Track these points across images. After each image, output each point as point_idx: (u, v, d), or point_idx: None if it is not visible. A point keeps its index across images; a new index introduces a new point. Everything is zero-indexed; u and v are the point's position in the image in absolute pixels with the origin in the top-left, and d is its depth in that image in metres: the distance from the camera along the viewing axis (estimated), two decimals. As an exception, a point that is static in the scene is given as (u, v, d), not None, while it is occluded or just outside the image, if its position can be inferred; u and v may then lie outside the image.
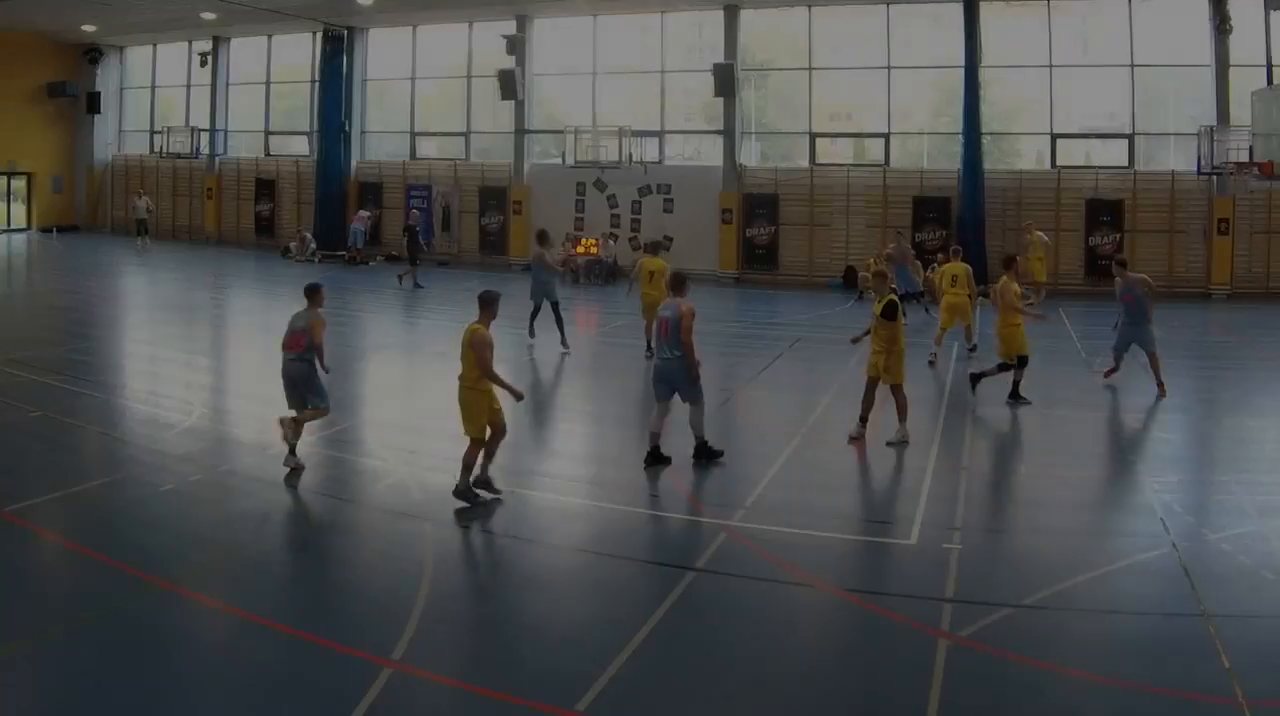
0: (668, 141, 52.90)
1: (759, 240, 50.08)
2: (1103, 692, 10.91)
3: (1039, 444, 22.16)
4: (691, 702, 10.77)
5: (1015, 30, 47.92)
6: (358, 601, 13.13)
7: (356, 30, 57.99)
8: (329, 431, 20.46)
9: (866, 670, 11.69)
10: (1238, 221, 43.68)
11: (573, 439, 22.88)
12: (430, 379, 26.21)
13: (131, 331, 35.01)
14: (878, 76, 48.97)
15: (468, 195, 55.82)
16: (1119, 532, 16.10)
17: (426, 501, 16.72)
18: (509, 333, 27.55)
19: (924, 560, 14.62)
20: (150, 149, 66.55)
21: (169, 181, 65.82)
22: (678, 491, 17.71)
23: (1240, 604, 12.88)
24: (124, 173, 68.52)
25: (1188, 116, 45.53)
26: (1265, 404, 25.43)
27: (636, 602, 13.00)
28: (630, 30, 54.06)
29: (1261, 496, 17.14)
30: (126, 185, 67.28)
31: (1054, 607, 12.94)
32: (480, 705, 10.68)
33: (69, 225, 68.29)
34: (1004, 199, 46.37)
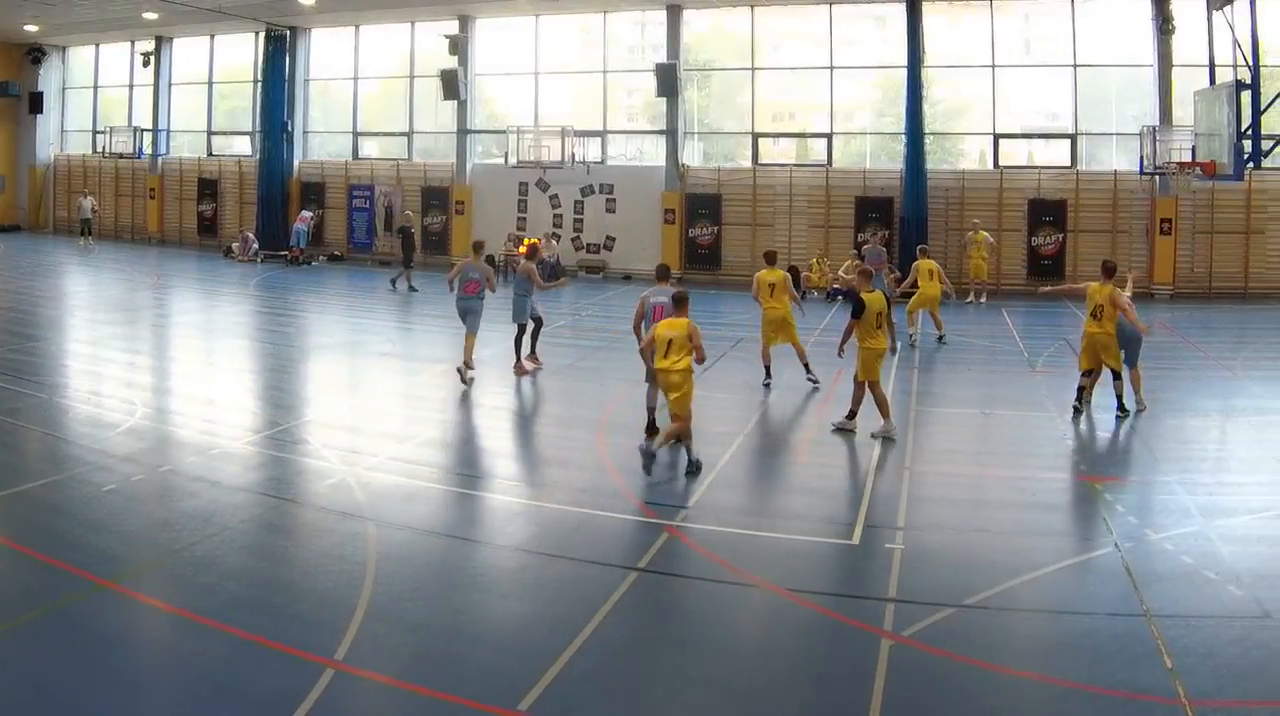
0: (610, 141, 52.02)
1: (701, 240, 48.98)
2: (1045, 692, 10.79)
3: (982, 444, 21.52)
4: (634, 703, 10.62)
5: (958, 30, 47.20)
6: (300, 601, 12.74)
7: (299, 30, 56.67)
8: (271, 431, 20.46)
9: (809, 669, 11.43)
10: (1180, 221, 43.13)
11: (515, 439, 22.31)
12: (376, 379, 26.81)
13: (74, 331, 33.99)
14: (820, 76, 48.21)
15: (410, 195, 54.51)
16: (1061, 532, 15.80)
17: (369, 501, 16.36)
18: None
19: (867, 560, 14.43)
20: (93, 149, 64.53)
21: (111, 181, 64.31)
22: (621, 491, 17.23)
23: (1182, 604, 12.69)
24: (66, 173, 66.91)
25: (1130, 116, 44.96)
26: (1208, 404, 24.97)
27: (579, 603, 12.65)
28: (572, 30, 53.05)
29: (1204, 496, 16.89)
30: (69, 185, 65.70)
31: (996, 607, 12.75)
32: (423, 705, 10.45)
33: (11, 225, 66.46)
34: (946, 199, 45.62)
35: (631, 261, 49.88)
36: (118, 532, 14.91)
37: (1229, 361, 29.25)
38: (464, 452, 20.15)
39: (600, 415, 22.57)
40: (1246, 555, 14.25)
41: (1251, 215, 42.74)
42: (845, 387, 22.42)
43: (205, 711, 10.11)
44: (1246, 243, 42.92)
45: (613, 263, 50.66)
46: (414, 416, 22.97)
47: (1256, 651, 11.38)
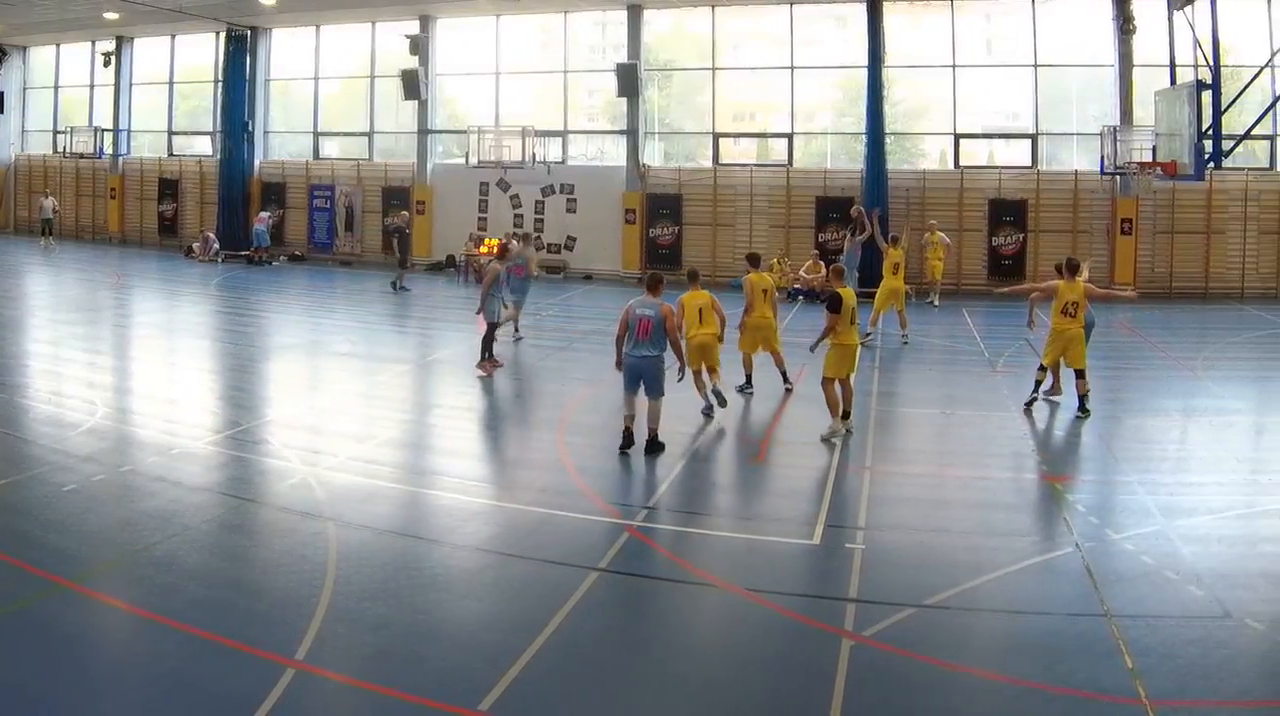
0: (571, 141, 50.97)
1: (662, 240, 48.10)
2: (1006, 692, 10.66)
3: (943, 444, 21.25)
4: (594, 703, 10.49)
5: (919, 30, 46.13)
6: (261, 601, 12.60)
7: (260, 30, 55.42)
8: (232, 431, 20.31)
9: (770, 670, 11.25)
10: (1141, 221, 42.68)
11: (476, 439, 21.97)
12: (337, 379, 26.65)
13: (35, 331, 33.26)
14: (781, 76, 47.22)
15: (371, 195, 53.60)
16: (1022, 533, 15.51)
17: (329, 501, 16.18)
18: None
19: (828, 560, 14.30)
20: (54, 149, 63.03)
21: (72, 181, 62.69)
22: (582, 491, 17.02)
23: (1143, 604, 12.58)
24: (28, 173, 65.25)
25: (1091, 116, 44.33)
26: (1168, 404, 24.60)
27: (540, 602, 12.52)
28: (533, 30, 51.90)
29: (1165, 496, 16.77)
30: (30, 185, 64.08)
31: (957, 607, 12.66)
32: (383, 705, 10.33)
33: (-28, 226, 65.21)
34: (907, 199, 44.65)
35: (592, 261, 49.20)
36: (78, 533, 14.73)
37: (1189, 361, 28.84)
38: (424, 453, 20.08)
39: (561, 415, 22.36)
40: (1207, 555, 14.16)
41: (1212, 215, 42.26)
42: (810, 388, 22.55)
43: (166, 711, 10.03)
44: (1207, 243, 42.46)
45: (573, 263, 49.67)
46: (374, 416, 22.64)
47: (1217, 651, 11.27)
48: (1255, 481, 18.14)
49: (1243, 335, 34.27)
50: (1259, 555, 14.40)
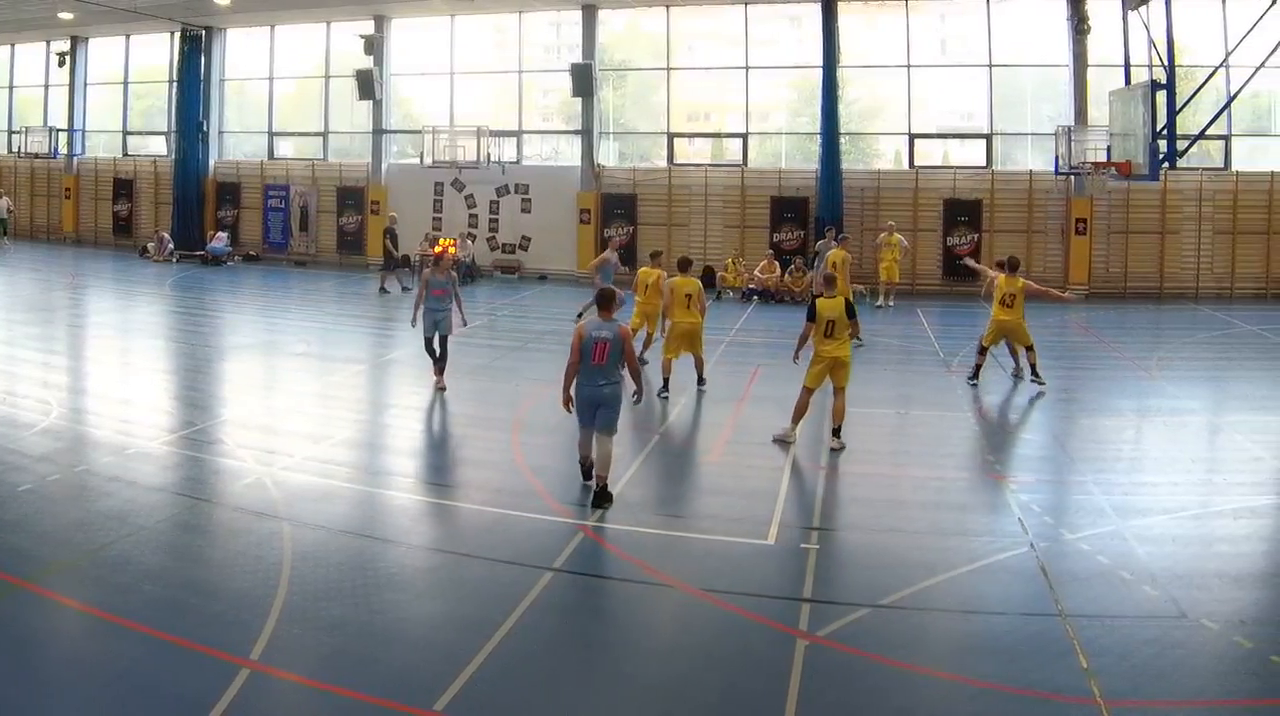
0: (525, 141, 50.24)
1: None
2: (961, 692, 10.57)
3: (897, 444, 20.97)
4: (549, 703, 10.31)
5: (873, 30, 45.81)
6: (216, 601, 12.35)
7: (214, 30, 54.35)
8: (187, 431, 20.02)
9: (724, 670, 11.08)
10: (1095, 221, 42.25)
11: (430, 439, 21.58)
12: (291, 379, 26.43)
13: None
14: (736, 76, 46.49)
15: (325, 195, 52.64)
16: (977, 533, 15.28)
17: (284, 501, 15.98)
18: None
19: (782, 560, 14.13)
20: (8, 149, 61.36)
21: (27, 181, 61.29)
22: (536, 491, 16.78)
23: (1098, 604, 12.46)
24: (-19, 173, 64.05)
25: (1045, 116, 43.98)
26: (1122, 404, 24.26)
27: (494, 603, 12.36)
28: (488, 30, 51.05)
29: (1119, 496, 16.64)
30: (-17, 185, 62.91)
31: (912, 607, 12.55)
32: (338, 705, 10.18)
33: (-73, 226, 63.85)
34: (862, 199, 44.21)
35: (547, 261, 48.50)
36: (33, 533, 14.53)
37: (1144, 361, 28.52)
38: (378, 453, 19.76)
39: (515, 415, 22.01)
40: (1162, 555, 14.05)
41: (1166, 215, 41.87)
42: (763, 388, 23.65)
43: (120, 711, 9.87)
44: (1161, 243, 42.07)
45: (528, 263, 48.91)
46: (329, 416, 22.10)
47: (1172, 651, 11.18)
48: (1210, 481, 17.98)
49: (1197, 335, 33.91)
50: (1214, 555, 14.23)
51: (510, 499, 16.33)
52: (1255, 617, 12.03)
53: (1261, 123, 44.09)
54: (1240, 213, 41.38)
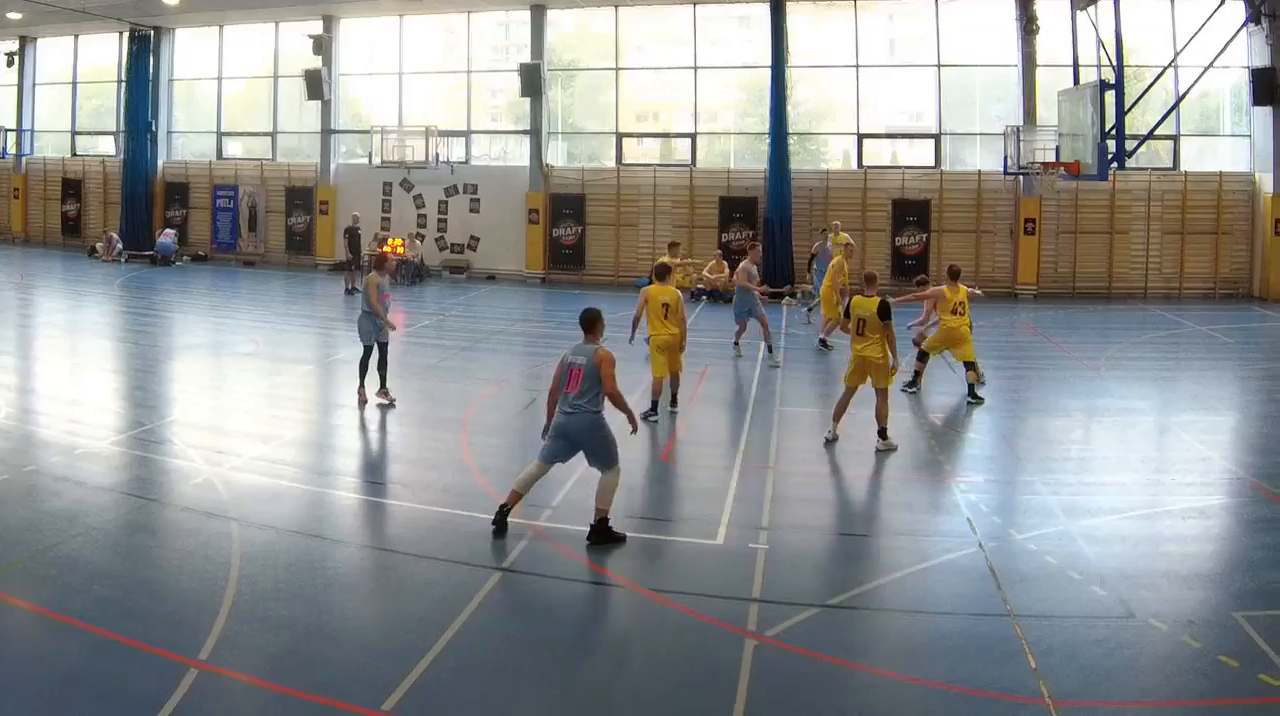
0: (474, 141, 49.22)
1: (565, 240, 46.48)
2: (910, 692, 10.43)
3: (845, 444, 19.98)
4: (498, 703, 10.11)
5: (822, 30, 45.11)
6: (165, 601, 12.16)
7: (163, 30, 53.01)
8: (136, 431, 19.68)
9: (673, 669, 10.95)
10: (1044, 221, 41.63)
11: (379, 439, 21.07)
12: (240, 379, 26.12)
13: None
14: (685, 76, 45.67)
15: (274, 195, 51.39)
16: (925, 533, 15.05)
17: (233, 501, 15.72)
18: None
19: (731, 560, 13.87)
20: (-43, 149, 60.28)
21: (-26, 182, 59.87)
22: (484, 491, 16.39)
23: (1046, 604, 12.32)
24: (-70, 173, 62.32)
25: (994, 116, 43.26)
26: (1071, 404, 23.94)
27: (443, 602, 12.18)
28: (436, 30, 50.09)
29: (1067, 496, 16.47)
30: (-68, 186, 61.29)
31: (860, 607, 12.45)
32: (287, 705, 10.00)
33: (-125, 227, 62.03)
34: (811, 199, 43.51)
35: (496, 262, 47.57)
36: None
37: (1092, 361, 28.08)
38: (327, 453, 19.41)
39: (463, 415, 21.71)
40: (1110, 555, 13.92)
41: (1115, 215, 41.44)
42: (712, 388, 23.92)
43: (70, 711, 9.72)
44: (1110, 243, 41.63)
45: (477, 263, 47.92)
46: (278, 416, 21.86)
47: (1120, 651, 11.08)
48: (1158, 481, 17.74)
49: (1145, 335, 33.58)
50: (1162, 555, 14.08)
51: (459, 499, 16.12)
52: (1203, 618, 11.84)
53: (1210, 123, 43.61)
54: (1189, 213, 41.01)
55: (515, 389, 24.47)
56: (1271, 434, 21.15)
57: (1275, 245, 39.61)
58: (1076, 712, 9.86)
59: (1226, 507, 16.16)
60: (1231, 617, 11.77)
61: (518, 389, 24.32)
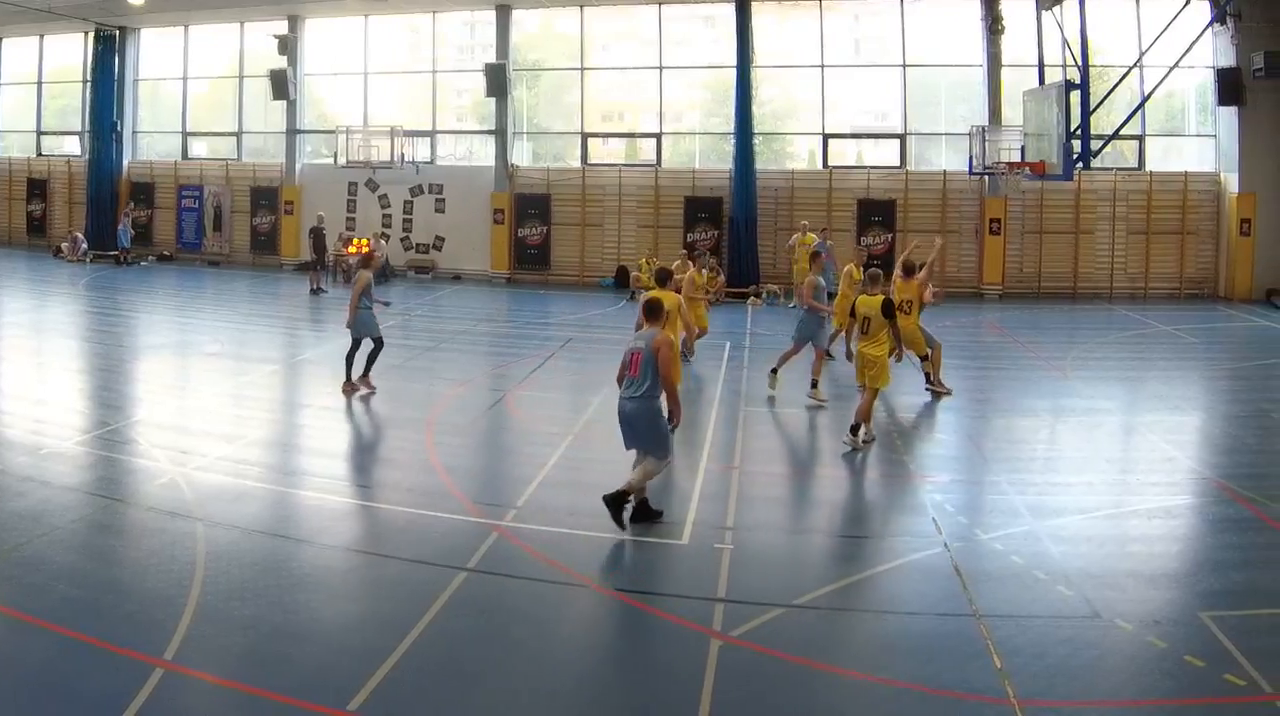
0: (439, 141, 48.21)
1: (531, 240, 45.66)
2: (875, 692, 10.33)
3: (811, 444, 20.63)
4: (463, 703, 10.02)
5: (787, 30, 44.30)
6: (130, 601, 12.00)
7: (128, 30, 51.96)
8: (101, 431, 19.45)
9: (639, 670, 11.01)
10: (1009, 221, 41.01)
11: (344, 439, 20.90)
12: (205, 379, 25.66)
13: None
14: (650, 76, 44.93)
15: (239, 195, 50.36)
16: (891, 533, 15.03)
17: (198, 501, 15.50)
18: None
19: (696, 560, 13.74)
20: (-77, 149, 58.93)
21: (-60, 182, 58.65)
22: (450, 491, 16.42)
23: (1012, 604, 12.20)
24: (-105, 174, 61.05)
25: (959, 117, 42.68)
26: (1036, 404, 23.64)
27: (408, 603, 12.07)
28: (402, 30, 49.01)
29: (1033, 496, 16.32)
30: (-102, 186, 60.12)
31: (826, 607, 12.31)
32: (252, 705, 9.88)
33: None
34: (776, 199, 42.82)
35: (461, 262, 46.63)
36: None
37: (1058, 361, 27.69)
38: (293, 453, 19.18)
39: (428, 415, 21.36)
40: (1076, 555, 13.78)
41: (1080, 215, 40.89)
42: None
43: (34, 711, 9.59)
44: (1075, 243, 41.06)
45: (442, 263, 46.99)
46: (243, 416, 21.56)
47: (1086, 651, 10.97)
48: (1124, 481, 17.67)
49: (1111, 335, 33.07)
50: (1128, 555, 13.96)
51: (424, 499, 15.95)
52: (1169, 618, 11.74)
53: (1175, 123, 43.15)
54: (1154, 213, 40.58)
55: (480, 389, 24.15)
56: (1237, 434, 20.78)
57: (1241, 245, 39.19)
58: (1042, 712, 9.75)
59: (1192, 507, 16.00)
60: (1197, 617, 11.64)
61: (483, 389, 24.08)
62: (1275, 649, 10.87)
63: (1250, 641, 10.97)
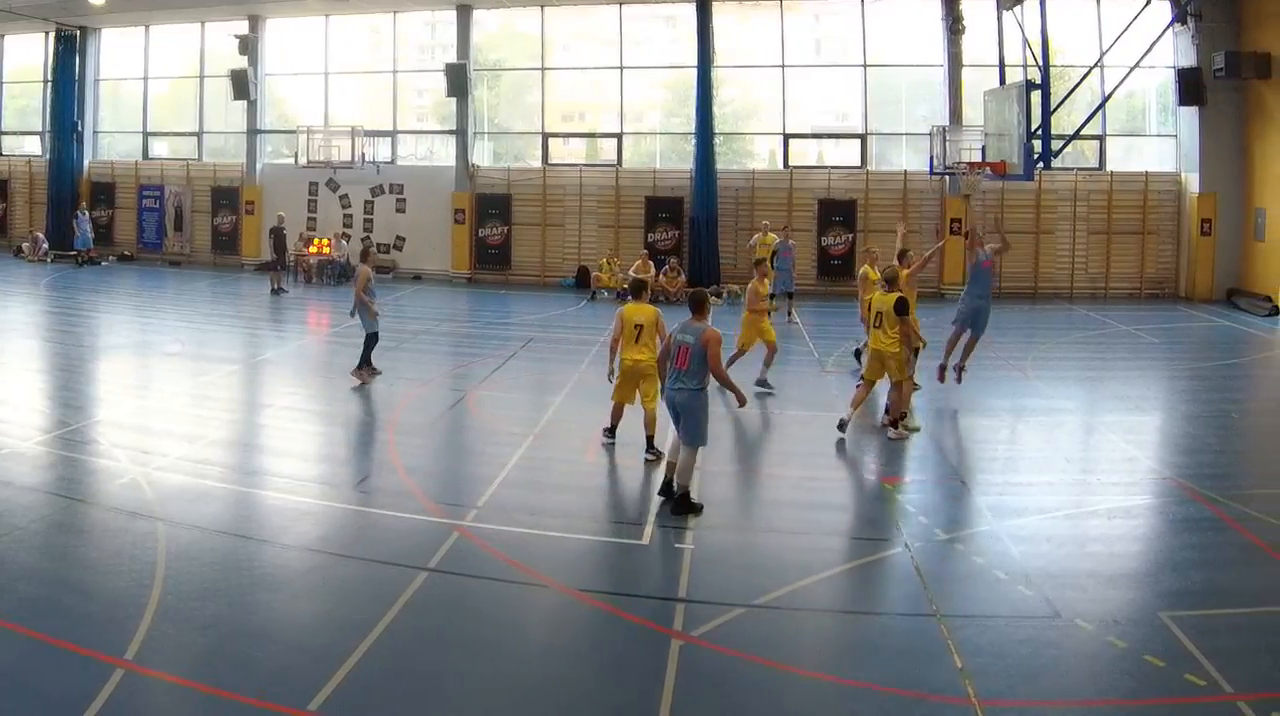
0: (400, 141, 47.22)
1: (491, 240, 44.67)
2: (836, 692, 10.23)
3: (772, 444, 20.41)
4: (424, 703, 9.89)
5: (748, 30, 44.05)
6: (91, 601, 11.82)
7: (89, 30, 50.89)
8: (61, 431, 19.24)
9: (600, 669, 10.78)
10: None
11: (306, 439, 20.41)
12: (166, 379, 25.36)
13: None
14: (610, 76, 44.15)
15: (200, 195, 49.23)
16: (852, 533, 14.98)
17: (159, 501, 15.29)
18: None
19: (657, 560, 13.83)
20: (-117, 149, 57.68)
21: (-99, 182, 57.37)
22: (410, 491, 16.22)
23: (973, 604, 12.12)
24: None
25: (920, 117, 42.05)
26: (997, 404, 23.24)
27: (369, 603, 11.88)
28: (362, 30, 48.02)
29: (994, 496, 16.21)
30: None
31: (787, 607, 12.11)
32: (213, 705, 9.73)
33: None
34: (736, 199, 42.19)
35: (421, 262, 45.74)
36: None
37: (1019, 361, 27.28)
38: (253, 453, 18.97)
39: (390, 415, 21.24)
40: (1036, 555, 13.67)
41: (1041, 215, 40.46)
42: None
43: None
44: (1036, 243, 40.55)
45: (403, 263, 46.05)
46: (204, 416, 21.10)
47: (1046, 651, 10.90)
48: (1084, 481, 17.37)
49: (1071, 335, 32.74)
50: (1088, 555, 13.81)
51: (385, 499, 15.83)
52: (1129, 618, 11.65)
53: (1136, 123, 42.72)
54: (1115, 213, 40.29)
55: (441, 389, 23.85)
56: (1197, 434, 20.61)
57: (1201, 245, 38.93)
58: (1002, 712, 9.70)
59: (1152, 507, 15.91)
60: (1157, 617, 11.55)
61: (444, 389, 23.79)
62: (1235, 648, 10.76)
63: (1210, 641, 10.85)
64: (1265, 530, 14.49)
